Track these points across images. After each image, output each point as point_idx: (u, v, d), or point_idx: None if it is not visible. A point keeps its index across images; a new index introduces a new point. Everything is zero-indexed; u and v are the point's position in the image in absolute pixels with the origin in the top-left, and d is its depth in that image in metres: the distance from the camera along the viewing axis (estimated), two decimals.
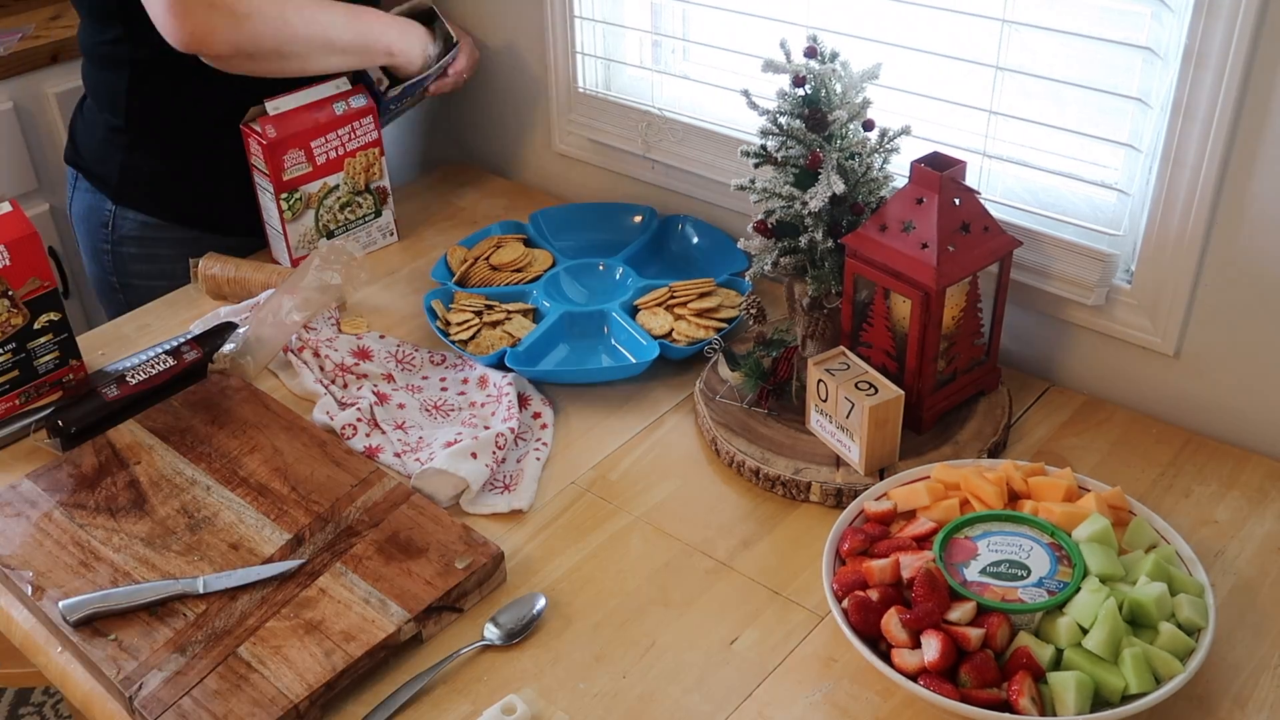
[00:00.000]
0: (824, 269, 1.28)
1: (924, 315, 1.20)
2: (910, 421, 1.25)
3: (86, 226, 1.70)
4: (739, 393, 1.34)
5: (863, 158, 1.25)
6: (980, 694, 0.94)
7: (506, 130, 1.89)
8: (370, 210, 1.69)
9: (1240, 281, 1.22)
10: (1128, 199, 1.26)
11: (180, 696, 1.01)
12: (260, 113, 1.56)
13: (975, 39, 1.30)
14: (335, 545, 1.15)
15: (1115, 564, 1.01)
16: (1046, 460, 1.23)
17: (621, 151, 1.71)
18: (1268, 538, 1.16)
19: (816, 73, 1.22)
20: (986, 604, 0.98)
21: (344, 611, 1.08)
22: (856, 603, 1.01)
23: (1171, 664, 0.95)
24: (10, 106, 2.23)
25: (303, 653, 1.04)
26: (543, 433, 1.34)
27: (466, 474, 1.22)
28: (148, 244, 1.67)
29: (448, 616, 1.10)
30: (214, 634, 1.07)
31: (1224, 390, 1.27)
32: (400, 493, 1.21)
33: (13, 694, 2.31)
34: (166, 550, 1.15)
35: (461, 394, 1.41)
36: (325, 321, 1.50)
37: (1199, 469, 1.25)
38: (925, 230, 1.19)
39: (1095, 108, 1.26)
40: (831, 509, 1.21)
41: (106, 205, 1.66)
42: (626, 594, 1.14)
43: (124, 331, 1.56)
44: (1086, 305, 1.31)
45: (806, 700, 1.03)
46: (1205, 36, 1.12)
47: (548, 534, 1.21)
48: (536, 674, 1.06)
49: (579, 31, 1.68)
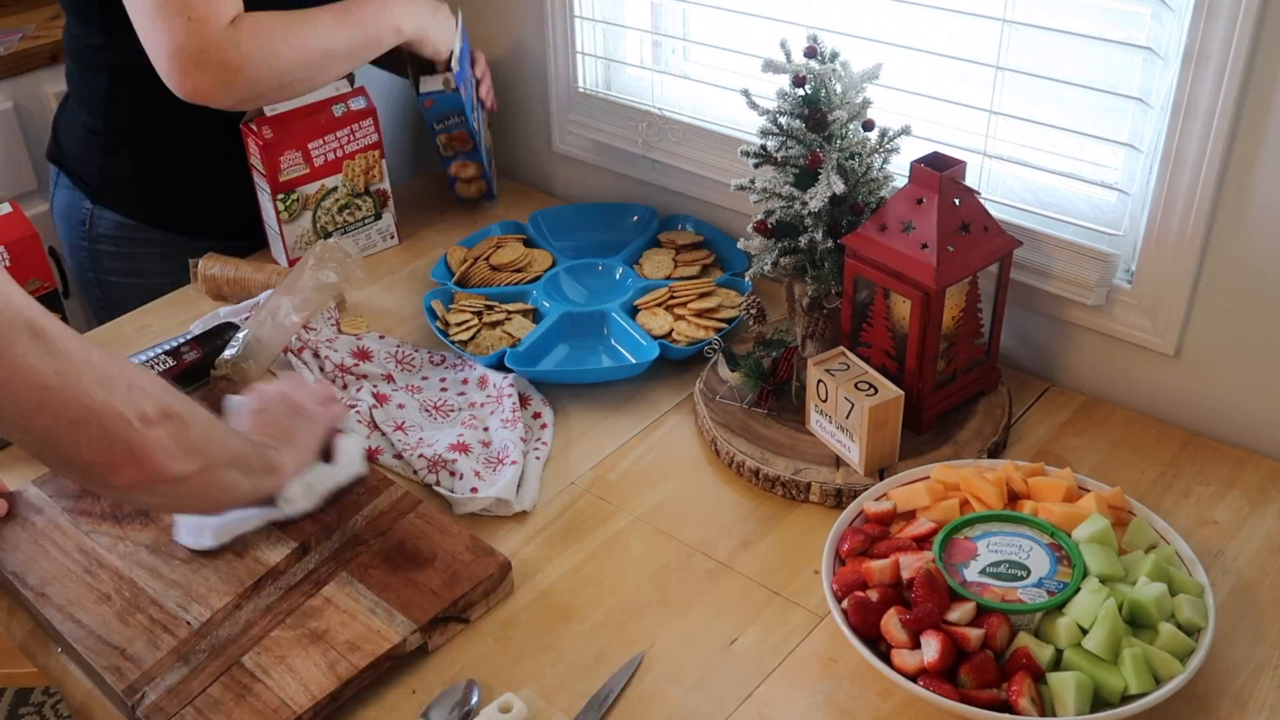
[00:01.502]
0: (824, 269, 1.27)
1: (924, 315, 1.20)
2: (910, 422, 1.25)
3: (66, 223, 1.72)
4: (739, 393, 1.34)
5: (863, 158, 1.25)
6: (980, 694, 0.94)
7: (506, 130, 1.89)
8: (370, 213, 1.69)
9: (1240, 281, 1.21)
10: (1128, 199, 1.26)
11: (183, 707, 1.00)
12: (258, 113, 1.56)
13: (975, 39, 1.30)
14: (341, 554, 1.15)
15: (1115, 564, 1.01)
16: (1046, 460, 1.23)
17: (621, 151, 1.71)
18: (1268, 538, 1.16)
19: (816, 73, 1.22)
20: (986, 604, 0.98)
21: (349, 621, 1.07)
22: (856, 603, 1.01)
23: (1171, 664, 0.95)
24: (10, 106, 2.23)
25: (307, 663, 1.04)
26: (543, 432, 1.34)
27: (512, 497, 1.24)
28: (124, 244, 1.68)
29: (454, 627, 1.10)
30: (218, 643, 1.06)
31: (1224, 390, 1.27)
32: (408, 501, 1.21)
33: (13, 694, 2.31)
34: (172, 558, 1.15)
35: (461, 394, 1.41)
36: (325, 322, 1.50)
37: (1199, 469, 1.25)
38: (925, 230, 1.19)
39: (1095, 107, 1.26)
40: (831, 509, 1.21)
41: (85, 204, 1.67)
42: (626, 594, 1.14)
43: (124, 332, 1.56)
44: (1086, 305, 1.31)
45: (806, 700, 1.03)
46: (1205, 36, 1.12)
47: (547, 534, 1.21)
48: (536, 674, 1.06)
49: (579, 31, 1.68)
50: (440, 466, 1.26)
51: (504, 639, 1.09)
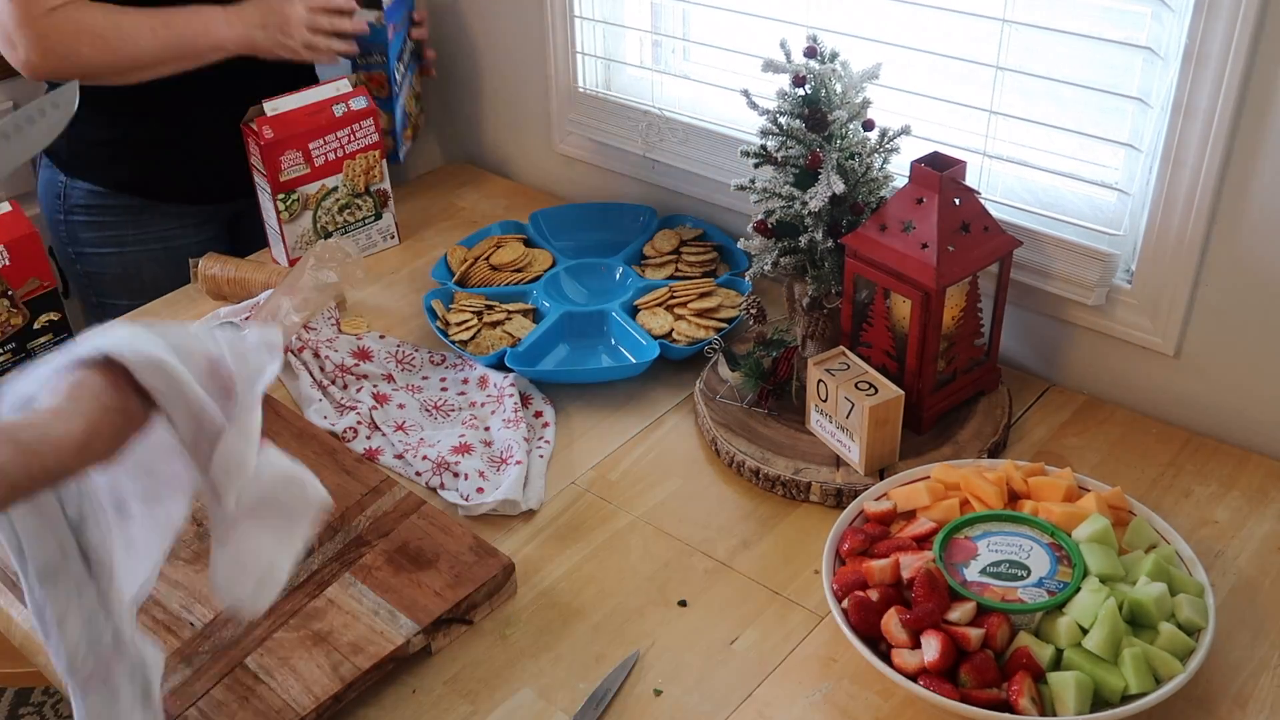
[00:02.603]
0: (824, 269, 1.27)
1: (924, 315, 1.20)
2: (910, 421, 1.25)
3: (45, 201, 1.77)
4: (739, 393, 1.34)
5: (863, 158, 1.25)
6: (980, 694, 0.94)
7: (507, 130, 1.89)
8: (370, 213, 1.69)
9: (1240, 281, 1.21)
10: (1128, 199, 1.26)
11: (186, 708, 1.01)
12: (259, 113, 1.56)
13: (975, 39, 1.30)
14: (344, 555, 1.15)
15: (1115, 564, 1.01)
16: (1046, 460, 1.23)
17: (621, 151, 1.71)
18: (1268, 538, 1.16)
19: (816, 73, 1.22)
20: (986, 604, 0.98)
21: (352, 623, 1.07)
22: (856, 603, 1.01)
23: (1171, 664, 0.95)
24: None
25: (310, 664, 1.04)
26: (545, 431, 1.34)
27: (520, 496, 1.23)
28: (94, 211, 1.72)
29: (457, 629, 1.10)
30: (221, 644, 1.06)
31: (1224, 390, 1.27)
32: (410, 502, 1.21)
33: (13, 694, 2.31)
34: (175, 558, 1.15)
35: (462, 394, 1.41)
36: (325, 322, 1.50)
37: (1199, 469, 1.25)
38: (925, 230, 1.19)
39: (1095, 107, 1.26)
40: (831, 509, 1.21)
41: (59, 178, 1.73)
42: (626, 594, 1.14)
43: None
44: (1086, 305, 1.31)
45: (806, 700, 1.03)
46: (1205, 36, 1.12)
47: (548, 534, 1.21)
48: (536, 674, 1.06)
49: (579, 31, 1.68)
50: (444, 468, 1.26)
51: (504, 638, 1.10)
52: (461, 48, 1.87)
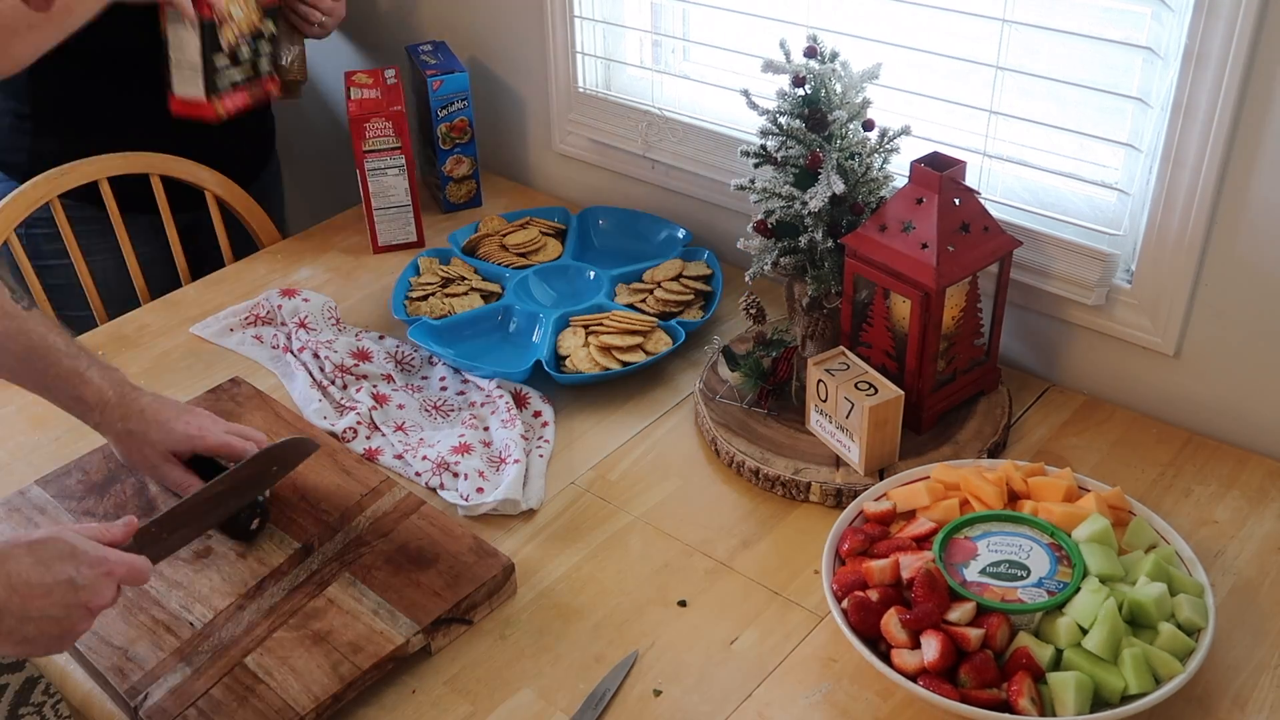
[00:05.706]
0: (824, 269, 1.27)
1: (924, 315, 1.20)
2: (910, 421, 1.25)
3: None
4: (739, 393, 1.34)
5: (863, 158, 1.25)
6: (980, 694, 0.94)
7: (507, 130, 1.89)
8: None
9: (1240, 281, 1.21)
10: (1128, 199, 1.26)
11: (185, 707, 1.01)
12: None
13: (975, 39, 1.30)
14: (344, 555, 1.15)
15: (1115, 564, 1.01)
16: (1046, 460, 1.23)
17: (621, 151, 1.71)
18: (1268, 538, 1.16)
19: (816, 73, 1.22)
20: (986, 604, 0.98)
21: (352, 622, 1.07)
22: (856, 603, 1.01)
23: (1171, 664, 0.95)
24: None
25: (310, 664, 1.04)
26: (544, 430, 1.34)
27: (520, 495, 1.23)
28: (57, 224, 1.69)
29: (457, 628, 1.10)
30: (220, 644, 1.06)
31: (1224, 390, 1.27)
32: (410, 503, 1.21)
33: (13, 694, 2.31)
34: (175, 558, 1.14)
35: (461, 394, 1.41)
36: (325, 322, 1.50)
37: (1199, 469, 1.25)
38: (925, 230, 1.19)
39: (1095, 107, 1.26)
40: (831, 509, 1.21)
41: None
42: (626, 594, 1.14)
43: (123, 331, 1.56)
44: (1086, 305, 1.31)
45: (806, 700, 1.03)
46: (1205, 36, 1.12)
47: (547, 534, 1.21)
48: (536, 674, 1.06)
49: (579, 31, 1.68)
50: (444, 469, 1.26)
51: (504, 638, 1.10)
52: (461, 48, 1.87)
